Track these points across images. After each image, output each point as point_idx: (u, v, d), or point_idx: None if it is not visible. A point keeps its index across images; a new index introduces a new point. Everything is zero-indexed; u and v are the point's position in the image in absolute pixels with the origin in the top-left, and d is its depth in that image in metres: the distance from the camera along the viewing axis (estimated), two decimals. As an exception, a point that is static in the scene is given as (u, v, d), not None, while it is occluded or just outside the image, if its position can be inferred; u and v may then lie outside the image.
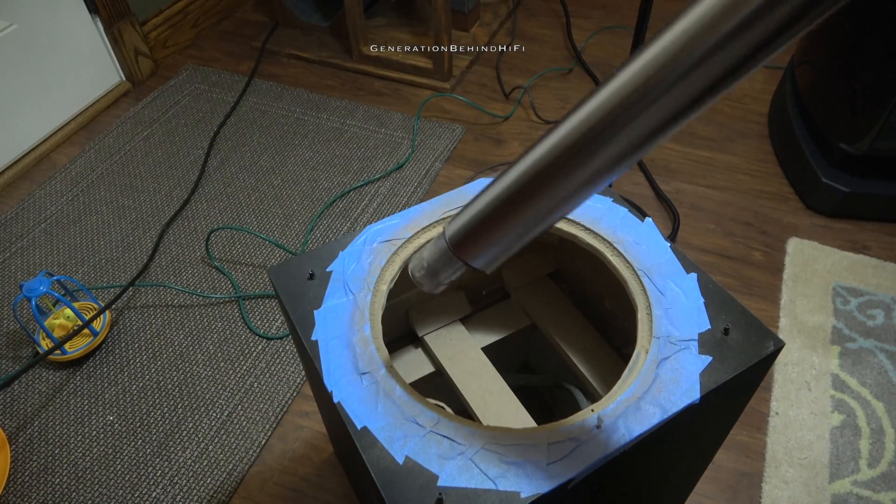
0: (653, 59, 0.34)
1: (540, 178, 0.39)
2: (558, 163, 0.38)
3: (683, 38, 0.32)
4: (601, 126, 0.36)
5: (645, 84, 0.34)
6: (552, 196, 0.40)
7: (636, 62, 0.35)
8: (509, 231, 0.42)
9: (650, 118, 0.35)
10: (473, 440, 0.49)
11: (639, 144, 0.36)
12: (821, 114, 1.29)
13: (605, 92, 0.36)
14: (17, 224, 1.31)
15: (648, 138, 0.36)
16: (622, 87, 0.35)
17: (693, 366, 0.53)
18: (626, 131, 0.36)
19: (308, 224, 1.29)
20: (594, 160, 0.37)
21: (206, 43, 1.80)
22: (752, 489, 0.91)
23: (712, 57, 0.32)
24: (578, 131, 0.37)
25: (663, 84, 0.33)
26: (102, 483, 0.94)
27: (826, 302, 1.12)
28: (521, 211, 0.41)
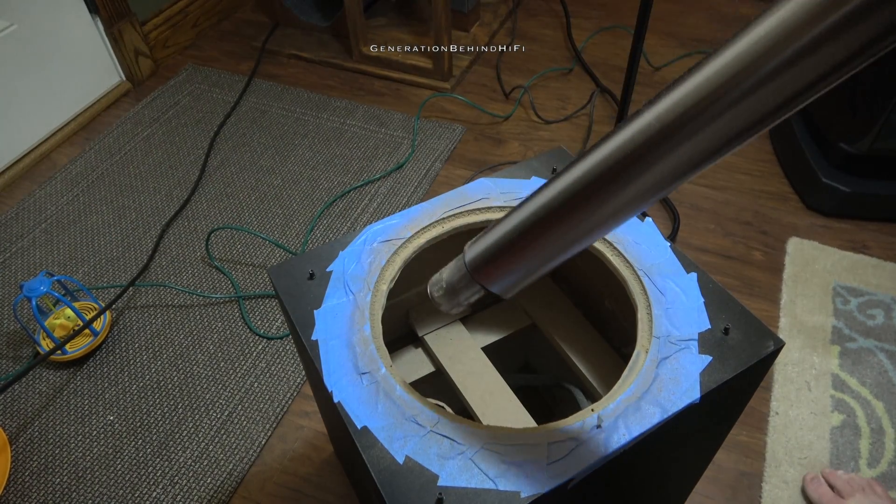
0: (719, 69, 0.30)
1: (567, 206, 0.38)
2: (589, 190, 0.36)
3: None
4: (639, 152, 0.34)
5: (701, 102, 0.31)
6: (579, 226, 0.38)
7: (693, 77, 0.32)
8: (529, 259, 0.41)
9: (698, 143, 0.32)
10: (473, 440, 0.49)
11: (678, 173, 0.33)
12: (821, 114, 1.29)
13: (646, 116, 0.33)
14: (17, 224, 1.31)
15: (691, 165, 0.33)
16: (670, 107, 0.32)
17: (693, 365, 0.53)
18: (666, 160, 0.33)
19: (308, 224, 1.29)
20: (627, 189, 0.35)
21: (206, 43, 1.80)
22: (752, 489, 0.91)
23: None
24: (613, 158, 0.35)
25: (724, 100, 0.30)
26: (103, 483, 0.94)
27: (826, 302, 1.12)
28: (543, 240, 0.40)
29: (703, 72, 0.31)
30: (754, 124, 0.31)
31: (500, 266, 0.43)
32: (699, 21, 1.81)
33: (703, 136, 0.32)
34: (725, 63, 0.30)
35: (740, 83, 0.30)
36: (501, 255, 0.42)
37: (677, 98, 0.32)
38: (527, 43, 1.76)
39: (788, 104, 0.30)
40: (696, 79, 0.32)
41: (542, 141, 1.47)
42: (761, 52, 0.29)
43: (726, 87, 0.30)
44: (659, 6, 1.86)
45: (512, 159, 1.43)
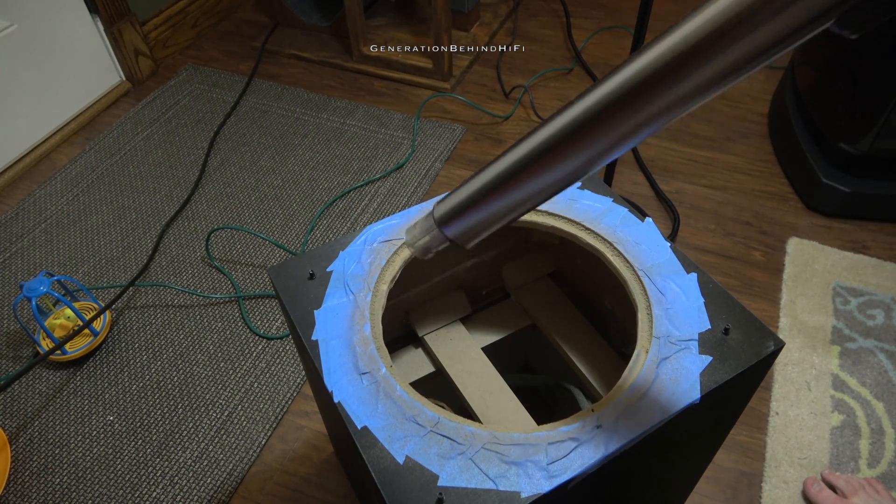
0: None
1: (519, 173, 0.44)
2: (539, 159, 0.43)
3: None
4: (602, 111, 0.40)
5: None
6: (525, 188, 0.45)
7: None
8: (482, 214, 0.48)
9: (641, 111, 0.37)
10: (473, 440, 0.49)
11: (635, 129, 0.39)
12: (821, 114, 1.29)
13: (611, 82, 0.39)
14: (17, 224, 1.31)
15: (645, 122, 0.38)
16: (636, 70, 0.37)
17: (693, 366, 0.53)
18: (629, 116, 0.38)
19: (308, 224, 1.29)
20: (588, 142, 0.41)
21: (206, 43, 1.80)
22: (752, 489, 0.91)
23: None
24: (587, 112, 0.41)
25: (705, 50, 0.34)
26: (102, 483, 0.94)
27: (826, 302, 1.12)
28: (493, 198, 0.46)
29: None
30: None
31: (462, 218, 0.49)
32: (699, 21, 1.80)
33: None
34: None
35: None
36: (462, 209, 0.49)
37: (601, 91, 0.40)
38: (527, 43, 1.76)
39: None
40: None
41: (542, 141, 1.47)
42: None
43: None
44: (659, 6, 1.86)
45: (512, 159, 1.43)
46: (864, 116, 1.18)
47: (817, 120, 1.30)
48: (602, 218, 0.65)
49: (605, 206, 0.66)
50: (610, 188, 0.68)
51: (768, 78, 1.62)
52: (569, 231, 0.65)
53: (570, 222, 0.65)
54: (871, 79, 1.16)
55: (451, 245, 0.52)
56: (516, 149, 0.44)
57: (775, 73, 1.63)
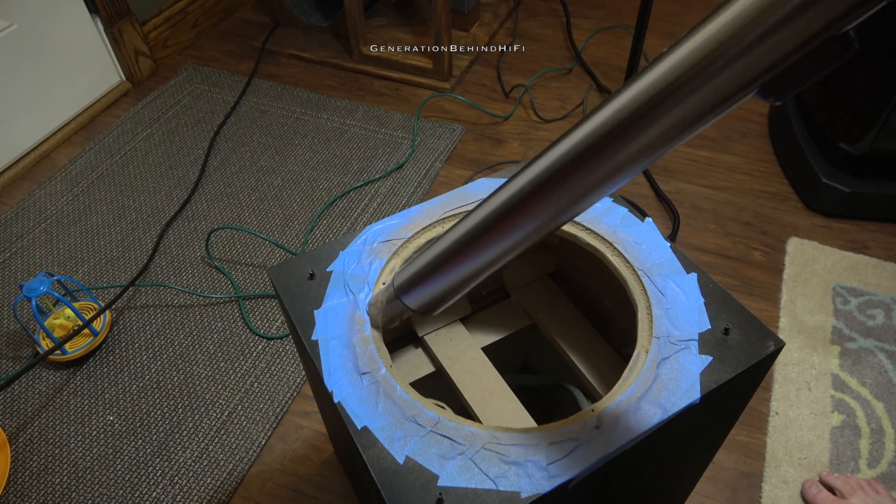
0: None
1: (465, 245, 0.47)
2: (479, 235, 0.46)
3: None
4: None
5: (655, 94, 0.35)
6: (479, 256, 0.47)
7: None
8: (439, 283, 0.50)
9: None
10: (473, 440, 0.49)
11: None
12: (821, 114, 1.29)
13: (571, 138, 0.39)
14: (17, 224, 1.31)
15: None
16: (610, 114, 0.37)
17: (693, 366, 0.53)
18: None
19: (308, 224, 1.29)
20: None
21: (206, 43, 1.80)
22: (752, 489, 0.91)
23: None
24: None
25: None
26: (102, 483, 0.94)
27: (826, 302, 1.12)
28: (451, 267, 0.49)
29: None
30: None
31: (420, 288, 0.52)
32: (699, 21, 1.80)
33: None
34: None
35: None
36: (420, 279, 0.51)
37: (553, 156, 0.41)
38: (527, 43, 1.76)
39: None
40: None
41: (541, 141, 1.47)
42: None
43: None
44: (659, 6, 1.86)
45: (512, 159, 1.43)
46: (864, 116, 1.18)
47: (817, 120, 1.30)
48: (602, 218, 0.65)
49: (605, 206, 0.66)
50: (610, 188, 0.68)
51: None
52: (569, 231, 0.65)
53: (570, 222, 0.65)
54: (871, 79, 1.16)
55: (415, 314, 0.54)
56: (472, 215, 0.46)
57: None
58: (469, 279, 0.48)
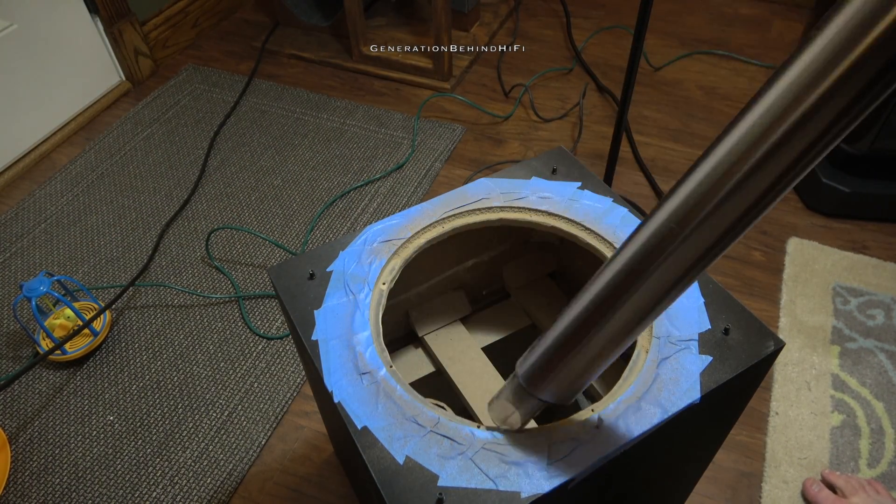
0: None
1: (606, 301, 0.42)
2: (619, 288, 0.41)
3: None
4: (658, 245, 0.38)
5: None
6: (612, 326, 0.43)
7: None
8: (574, 364, 0.45)
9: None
10: (473, 440, 0.49)
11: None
12: (821, 114, 1.29)
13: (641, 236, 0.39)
14: (17, 224, 1.31)
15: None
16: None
17: (693, 366, 0.53)
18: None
19: (308, 224, 1.29)
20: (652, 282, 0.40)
21: (206, 43, 1.80)
22: (752, 489, 0.91)
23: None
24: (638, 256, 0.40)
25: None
26: (102, 483, 0.94)
27: (826, 302, 1.12)
28: (582, 346, 0.44)
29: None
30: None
31: (550, 375, 0.47)
32: (699, 21, 1.81)
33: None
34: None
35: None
36: (548, 364, 0.46)
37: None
38: (527, 43, 1.76)
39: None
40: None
41: (541, 141, 1.47)
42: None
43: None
44: (659, 6, 1.86)
45: (512, 159, 1.43)
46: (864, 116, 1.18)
47: (817, 120, 1.30)
48: (602, 218, 0.65)
49: (605, 206, 0.66)
50: (610, 188, 0.68)
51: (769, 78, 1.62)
52: (569, 231, 0.65)
53: (570, 222, 0.65)
54: (871, 79, 1.16)
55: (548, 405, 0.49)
56: (607, 268, 0.43)
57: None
58: (617, 343, 0.44)
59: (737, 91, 1.58)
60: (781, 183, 0.33)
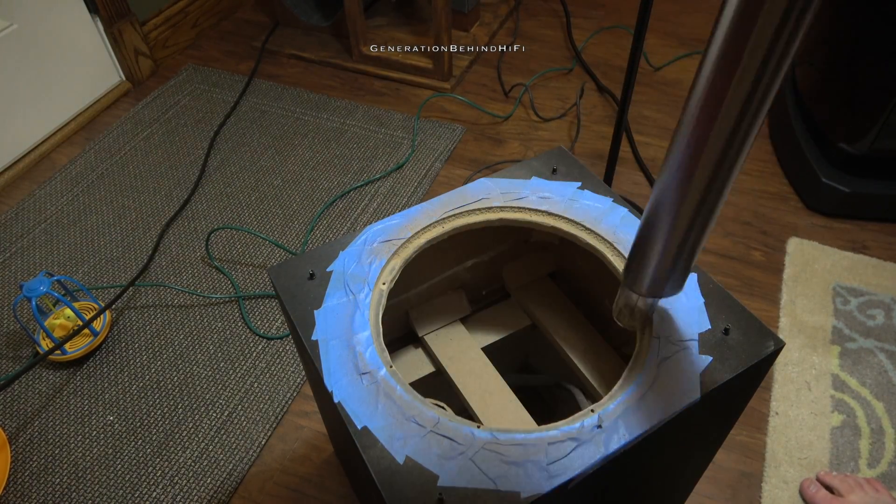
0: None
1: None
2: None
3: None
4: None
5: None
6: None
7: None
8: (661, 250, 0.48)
9: None
10: (473, 440, 0.49)
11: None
12: (821, 114, 1.29)
13: None
14: (17, 224, 1.31)
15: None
16: None
17: (693, 366, 0.53)
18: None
19: (308, 224, 1.29)
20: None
21: (206, 43, 1.80)
22: (752, 489, 0.91)
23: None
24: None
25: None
26: (102, 483, 0.94)
27: (826, 302, 1.12)
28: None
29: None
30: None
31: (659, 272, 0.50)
32: (699, 21, 1.81)
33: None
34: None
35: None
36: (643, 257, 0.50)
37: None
38: (527, 43, 1.76)
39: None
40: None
41: (541, 141, 1.47)
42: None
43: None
44: (659, 6, 1.86)
45: (512, 159, 1.43)
46: (864, 116, 1.18)
47: (817, 120, 1.30)
48: (602, 218, 0.65)
49: (605, 206, 0.66)
50: (610, 188, 0.68)
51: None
52: (569, 231, 0.65)
53: (570, 222, 0.65)
54: (871, 79, 1.16)
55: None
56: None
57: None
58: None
59: (737, 91, 1.58)
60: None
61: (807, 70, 1.36)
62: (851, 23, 1.20)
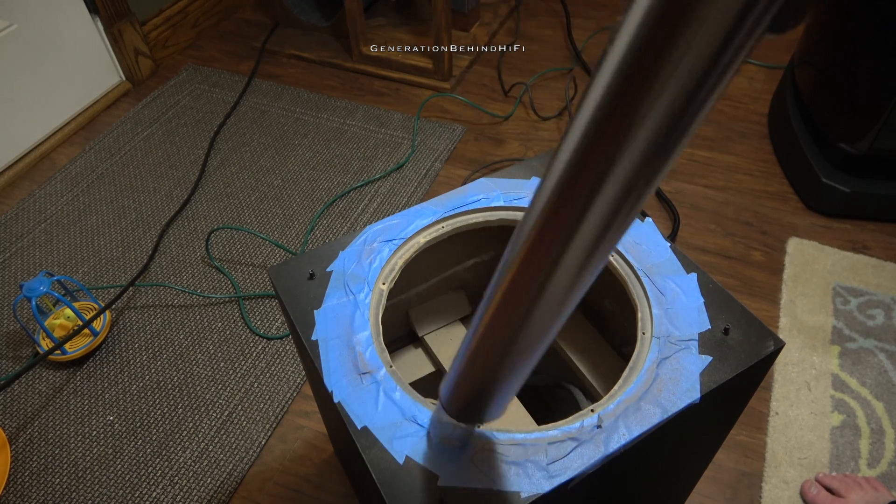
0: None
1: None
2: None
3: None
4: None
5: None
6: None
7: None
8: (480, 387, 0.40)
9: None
10: (473, 440, 0.49)
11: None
12: (821, 114, 1.29)
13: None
14: (17, 224, 1.31)
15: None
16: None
17: (693, 366, 0.53)
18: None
19: (308, 224, 1.29)
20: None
21: (206, 43, 1.80)
22: (752, 489, 0.91)
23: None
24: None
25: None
26: (102, 483, 0.94)
27: (826, 302, 1.12)
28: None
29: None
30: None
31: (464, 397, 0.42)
32: (699, 21, 1.80)
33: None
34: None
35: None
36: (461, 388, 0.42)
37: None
38: (527, 43, 1.76)
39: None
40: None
41: (542, 141, 1.47)
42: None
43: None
44: (659, 6, 1.86)
45: (512, 159, 1.43)
46: (864, 116, 1.18)
47: (817, 120, 1.30)
48: (602, 218, 0.65)
49: (605, 206, 0.66)
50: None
51: (768, 78, 1.62)
52: (569, 231, 0.64)
53: (570, 222, 0.65)
54: (871, 79, 1.16)
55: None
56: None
57: (775, 73, 1.63)
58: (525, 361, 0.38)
59: (736, 90, 1.58)
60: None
61: (807, 70, 1.36)
62: (851, 23, 1.20)
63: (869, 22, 1.15)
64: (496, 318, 0.35)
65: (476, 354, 0.38)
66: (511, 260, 0.32)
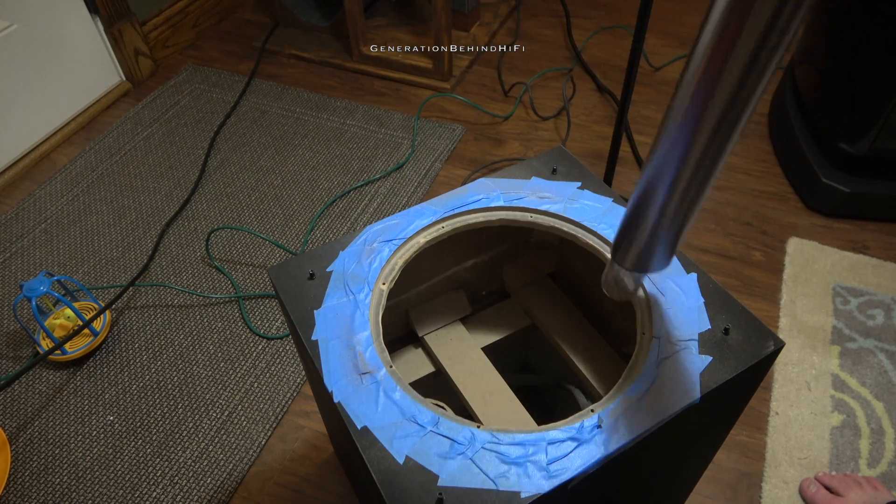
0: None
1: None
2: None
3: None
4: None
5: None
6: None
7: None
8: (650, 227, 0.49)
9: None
10: (473, 440, 0.49)
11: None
12: (821, 114, 1.29)
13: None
14: (17, 224, 1.31)
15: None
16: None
17: (693, 366, 0.53)
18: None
19: (308, 224, 1.29)
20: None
21: (206, 43, 1.80)
22: (752, 489, 0.91)
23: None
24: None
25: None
26: (102, 483, 0.94)
27: (826, 302, 1.12)
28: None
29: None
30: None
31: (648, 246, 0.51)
32: (699, 21, 1.80)
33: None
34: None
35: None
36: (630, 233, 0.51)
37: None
38: (527, 43, 1.76)
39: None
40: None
41: (541, 140, 1.47)
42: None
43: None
44: (659, 6, 1.86)
45: (512, 159, 1.43)
46: (864, 116, 1.18)
47: (817, 120, 1.30)
48: (602, 218, 0.65)
49: (605, 206, 0.66)
50: (610, 188, 0.68)
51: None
52: (569, 231, 0.65)
53: (570, 222, 0.65)
54: (870, 79, 1.16)
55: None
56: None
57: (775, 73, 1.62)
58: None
59: (737, 91, 1.58)
60: None
61: (807, 70, 1.36)
62: (851, 23, 1.20)
63: (869, 22, 1.15)
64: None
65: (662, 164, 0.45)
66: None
